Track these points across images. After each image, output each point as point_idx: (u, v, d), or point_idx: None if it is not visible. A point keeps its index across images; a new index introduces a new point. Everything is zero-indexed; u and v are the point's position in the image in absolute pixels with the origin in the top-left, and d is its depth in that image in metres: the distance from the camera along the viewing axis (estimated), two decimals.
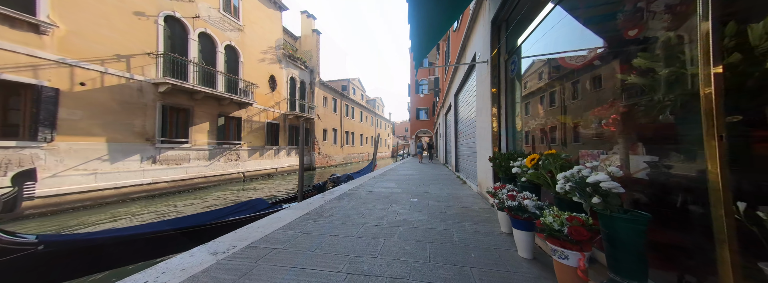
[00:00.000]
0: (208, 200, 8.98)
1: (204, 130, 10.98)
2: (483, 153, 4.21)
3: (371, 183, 6.21)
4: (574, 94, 2.29)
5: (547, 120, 2.74)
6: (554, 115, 2.61)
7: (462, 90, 7.40)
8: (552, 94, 2.66)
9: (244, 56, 13.44)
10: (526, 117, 3.22)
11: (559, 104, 2.54)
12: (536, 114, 2.98)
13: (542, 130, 2.86)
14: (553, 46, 2.59)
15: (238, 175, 12.70)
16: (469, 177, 6.23)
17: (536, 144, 3.00)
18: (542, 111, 2.84)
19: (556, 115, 2.59)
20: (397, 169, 10.42)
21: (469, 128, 6.26)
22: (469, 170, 6.27)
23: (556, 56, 2.56)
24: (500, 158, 3.04)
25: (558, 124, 2.56)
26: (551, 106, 2.67)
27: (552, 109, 2.64)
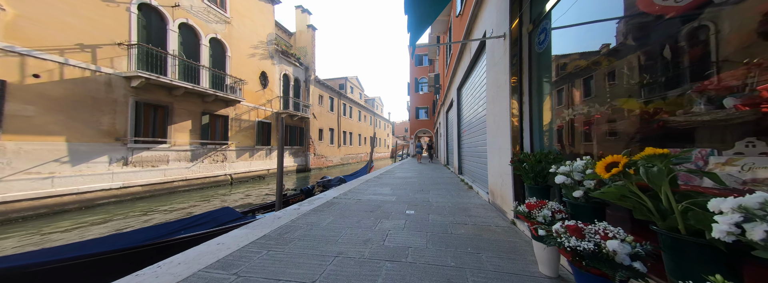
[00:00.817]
0: (178, 207, 8.13)
1: (185, 129, 10.14)
2: (497, 153, 3.37)
3: (363, 188, 5.37)
4: (660, 62, 1.45)
5: (598, 107, 1.90)
6: (613, 99, 1.77)
7: (466, 82, 6.56)
8: (609, 68, 1.81)
9: (232, 51, 12.61)
10: (558, 106, 2.38)
11: (625, 82, 1.70)
12: (578, 100, 2.14)
13: (589, 121, 2.02)
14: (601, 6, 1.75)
15: (224, 177, 11.86)
16: (477, 181, 5.38)
17: (578, 141, 2.16)
18: (594, 94, 1.99)
19: (616, 98, 1.75)
20: (395, 171, 9.57)
21: (476, 125, 5.42)
22: (476, 173, 5.42)
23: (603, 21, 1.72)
24: (529, 159, 2.19)
25: (619, 113, 1.72)
26: (608, 84, 1.82)
27: (611, 90, 1.79)
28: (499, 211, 3.27)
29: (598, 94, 1.94)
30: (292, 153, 17.84)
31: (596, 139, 1.96)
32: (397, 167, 11.32)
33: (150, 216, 6.86)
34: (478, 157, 5.32)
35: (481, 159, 4.90)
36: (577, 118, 2.16)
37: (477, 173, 5.38)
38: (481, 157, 4.97)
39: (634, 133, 1.60)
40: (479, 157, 5.15)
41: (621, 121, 1.71)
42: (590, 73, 1.99)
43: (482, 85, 4.63)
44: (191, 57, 10.53)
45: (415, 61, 27.69)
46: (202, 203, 8.43)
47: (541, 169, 2.15)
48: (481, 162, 4.88)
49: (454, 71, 8.12)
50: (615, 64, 1.76)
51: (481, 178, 4.94)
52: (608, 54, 1.82)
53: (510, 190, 2.83)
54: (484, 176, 4.47)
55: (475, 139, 5.59)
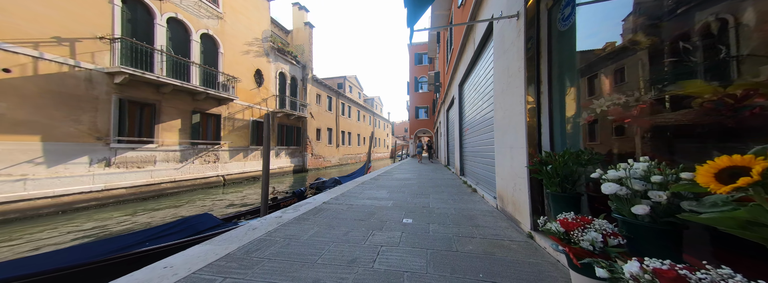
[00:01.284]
0: (164, 210, 7.69)
1: (174, 128, 9.70)
2: (507, 153, 2.93)
3: (357, 191, 4.93)
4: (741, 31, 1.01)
5: (643, 94, 1.46)
6: (668, 83, 1.34)
7: (469, 77, 6.12)
8: (657, 45, 1.37)
9: (225, 47, 12.17)
10: (587, 97, 1.94)
11: (686, 60, 1.26)
12: (613, 87, 1.70)
13: (631, 113, 1.58)
14: None
15: (217, 178, 11.41)
16: (481, 183, 4.94)
17: (615, 138, 1.72)
18: (637, 78, 1.55)
19: (673, 81, 1.32)
20: (394, 171, 9.14)
21: (480, 122, 4.98)
22: (481, 175, 4.98)
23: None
24: (555, 161, 1.75)
25: (677, 101, 1.29)
26: (653, 66, 1.38)
27: (666, 72, 1.36)
28: (511, 220, 2.83)
29: (643, 79, 1.50)
30: (289, 153, 17.40)
31: (642, 136, 1.52)
32: (396, 168, 10.89)
33: (135, 219, 6.41)
34: (482, 157, 4.88)
35: (487, 160, 4.46)
36: (612, 110, 1.72)
37: (482, 175, 4.94)
38: (486, 157, 4.53)
39: (708, 125, 1.16)
40: (484, 157, 4.72)
41: (680, 111, 1.28)
42: (630, 52, 1.56)
43: (488, 77, 4.19)
44: (181, 53, 10.09)
45: (414, 59, 27.29)
46: (187, 207, 7.99)
47: (570, 172, 1.72)
48: (487, 163, 4.44)
49: (455, 67, 7.69)
50: (668, 38, 1.32)
51: (486, 180, 4.50)
52: (654, 28, 1.37)
53: (525, 196, 2.39)
54: (491, 179, 4.04)
55: (479, 138, 5.16)
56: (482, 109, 4.76)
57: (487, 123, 4.24)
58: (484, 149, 4.71)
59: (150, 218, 6.73)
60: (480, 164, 5.09)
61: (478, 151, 5.21)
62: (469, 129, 6.37)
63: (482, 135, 4.81)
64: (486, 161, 4.52)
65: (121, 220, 6.46)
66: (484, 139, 4.66)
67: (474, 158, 5.76)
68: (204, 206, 8.13)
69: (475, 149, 5.51)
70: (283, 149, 16.67)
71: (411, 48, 27.68)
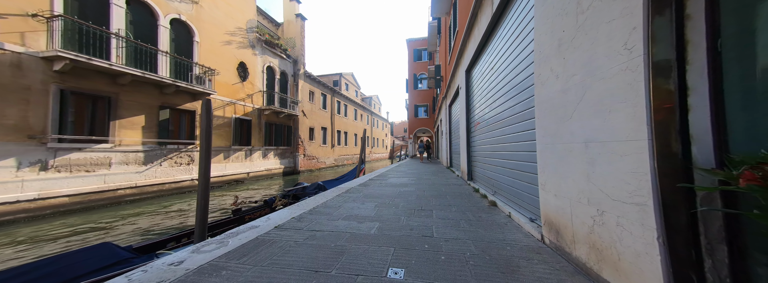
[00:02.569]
0: (110, 223, 6.40)
1: (136, 125, 8.41)
2: (578, 155, 1.66)
3: (335, 204, 3.65)
4: None
5: None
6: None
7: (482, 54, 4.85)
8: None
9: (201, 36, 10.89)
10: None
11: None
12: None
13: None
14: None
15: (191, 183, 10.12)
16: (503, 194, 3.66)
17: None
18: None
19: None
20: (389, 175, 7.87)
21: (502, 111, 3.70)
22: (502, 183, 3.70)
23: None
24: None
25: None
26: None
27: None
28: (587, 274, 1.56)
29: None
30: (278, 154, 16.11)
31: None
32: (393, 170, 9.62)
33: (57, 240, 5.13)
34: (505, 158, 3.60)
35: (515, 162, 3.19)
36: None
37: (504, 183, 3.66)
38: (513, 158, 3.25)
39: None
40: (508, 158, 3.44)
41: None
42: None
43: (519, 40, 2.91)
44: (147, 40, 8.81)
45: (413, 56, 26.08)
46: (146, 218, 6.70)
47: None
48: (515, 167, 3.16)
49: (460, 51, 6.43)
50: None
51: (514, 191, 3.21)
52: None
53: (651, 247, 1.12)
54: (525, 190, 2.76)
55: (498, 133, 3.88)
56: (505, 93, 3.48)
57: (518, 109, 2.96)
58: (509, 147, 3.43)
59: (76, 238, 5.44)
60: (500, 168, 3.82)
61: (498, 150, 3.93)
62: (481, 123, 5.10)
63: (504, 128, 3.54)
64: (513, 165, 3.24)
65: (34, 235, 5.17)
66: (508, 133, 3.38)
67: (489, 160, 4.48)
68: (157, 217, 6.83)
69: (493, 147, 4.24)
70: (271, 149, 15.38)
71: (410, 44, 26.48)
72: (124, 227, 5.96)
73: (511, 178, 3.28)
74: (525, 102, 2.73)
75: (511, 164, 3.27)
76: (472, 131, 6.08)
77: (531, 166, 2.52)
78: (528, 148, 2.63)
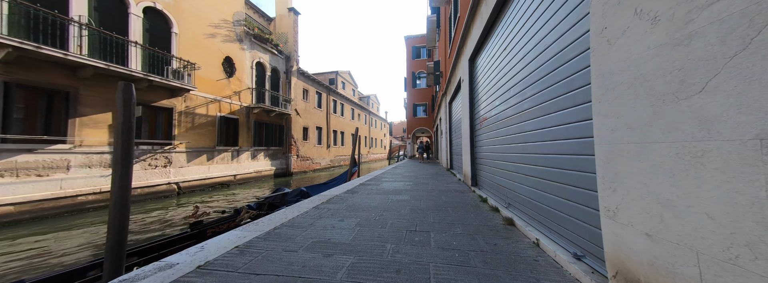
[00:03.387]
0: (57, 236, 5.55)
1: (102, 123, 7.56)
2: (680, 163, 0.83)
3: (305, 223, 2.81)
4: None
5: None
6: None
7: (491, 34, 4.01)
8: None
9: (181, 27, 10.04)
10: None
11: None
12: None
13: None
14: None
15: (168, 187, 9.27)
16: (517, 207, 2.81)
17: None
18: None
19: None
20: (384, 178, 7.03)
21: (521, 102, 2.86)
22: (519, 194, 2.84)
23: None
24: None
25: None
26: None
27: None
28: None
29: None
30: (269, 155, 15.26)
31: None
32: (388, 172, 8.78)
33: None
34: (525, 163, 2.76)
35: (546, 171, 2.34)
36: None
37: (523, 194, 2.81)
38: (539, 164, 2.40)
39: None
40: (531, 164, 2.59)
41: None
42: None
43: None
44: (115, 30, 7.96)
45: (412, 53, 25.29)
46: (92, 231, 5.84)
47: None
48: (548, 178, 2.31)
49: (464, 33, 5.59)
50: None
51: (544, 211, 2.36)
52: None
53: None
54: (568, 213, 1.91)
55: (515, 130, 3.04)
56: (526, 77, 2.64)
57: (550, 95, 2.12)
58: (531, 148, 2.59)
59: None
60: (517, 174, 2.97)
61: (514, 151, 3.09)
62: (488, 119, 4.27)
63: (524, 123, 2.69)
64: (539, 172, 2.40)
65: None
66: (531, 129, 2.54)
67: (500, 164, 3.64)
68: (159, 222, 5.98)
69: (506, 147, 3.39)
70: (261, 150, 14.53)
71: (408, 41, 25.70)
72: (72, 240, 5.10)
73: (536, 189, 2.44)
74: (564, 83, 1.89)
75: (536, 171, 2.43)
76: (476, 129, 5.25)
77: (577, 177, 1.69)
78: (571, 149, 1.79)
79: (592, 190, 1.50)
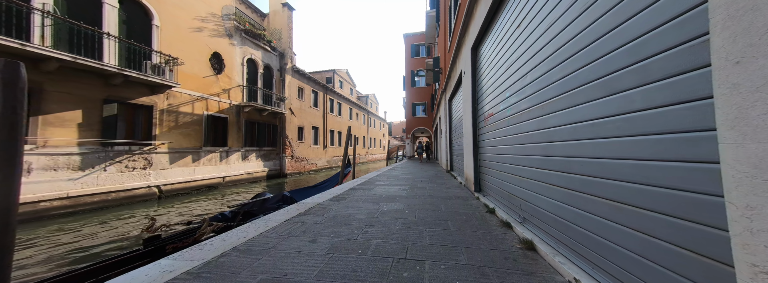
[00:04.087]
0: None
1: (70, 122, 6.92)
2: None
3: (264, 247, 2.16)
4: None
5: None
6: None
7: (498, 15, 3.38)
8: None
9: (163, 19, 9.41)
10: None
11: None
12: None
13: None
14: None
15: (147, 190, 8.63)
16: (534, 223, 2.17)
17: None
18: None
19: None
20: (378, 181, 6.40)
21: (533, 92, 2.24)
22: (538, 207, 2.19)
23: None
24: None
25: None
26: None
27: None
28: None
29: None
30: (262, 156, 14.62)
31: None
32: (385, 174, 8.15)
33: None
34: (549, 169, 2.12)
35: (588, 181, 1.71)
36: None
37: (545, 209, 2.17)
38: (573, 171, 1.76)
39: None
40: (560, 170, 1.95)
41: None
42: None
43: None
44: (88, 20, 7.33)
45: (411, 52, 24.67)
46: (64, 237, 5.20)
47: None
48: (589, 191, 1.67)
49: (467, 17, 4.97)
50: None
51: (580, 235, 1.71)
52: None
53: None
54: (635, 250, 1.27)
55: (534, 126, 2.41)
56: (551, 56, 2.01)
57: (603, 70, 1.48)
58: (559, 149, 1.96)
59: None
60: (535, 182, 2.34)
61: (532, 153, 2.46)
62: (495, 115, 3.64)
63: (548, 116, 2.07)
64: (576, 183, 1.77)
65: None
66: (562, 124, 1.92)
67: (511, 168, 3.01)
68: (85, 235, 5.33)
69: (519, 148, 2.76)
70: (252, 150, 13.89)
71: (407, 39, 25.09)
72: (24, 252, 4.47)
73: (568, 205, 1.80)
74: (627, 49, 1.26)
75: (568, 181, 1.80)
76: (480, 127, 4.62)
77: (660, 196, 1.06)
78: (647, 151, 1.16)
79: (706, 220, 0.87)
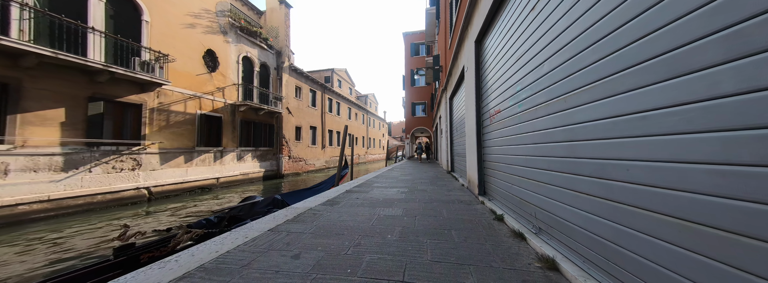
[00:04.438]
0: None
1: (52, 121, 6.58)
2: None
3: (237, 263, 1.81)
4: None
5: None
6: None
7: (505, 3, 3.05)
8: None
9: (153, 15, 9.07)
10: None
11: None
12: None
13: None
14: None
15: (136, 192, 8.29)
16: (552, 235, 1.83)
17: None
18: None
19: None
20: (376, 183, 6.06)
21: (557, 81, 1.90)
22: (560, 218, 1.85)
23: None
24: None
25: None
26: None
27: None
28: None
29: None
30: (258, 156, 14.28)
31: None
32: (383, 175, 7.82)
33: None
34: (578, 174, 1.79)
35: (660, 194, 1.37)
36: None
37: (572, 222, 1.83)
38: (623, 179, 1.43)
39: None
40: (598, 175, 1.62)
41: None
42: None
43: None
44: (73, 15, 6.99)
45: (410, 51, 24.34)
46: (40, 246, 4.86)
47: None
48: (636, 202, 1.34)
49: (468, 14, 4.64)
50: None
51: (620, 255, 1.39)
52: None
53: None
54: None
55: (557, 121, 2.08)
56: (589, 26, 1.68)
57: (685, 35, 1.14)
58: (596, 149, 1.63)
59: None
60: (555, 189, 2.01)
61: (551, 153, 2.13)
62: (502, 111, 3.31)
63: (579, 109, 1.74)
64: (616, 192, 1.44)
65: None
66: (606, 116, 1.58)
67: (521, 171, 2.68)
68: (60, 242, 4.99)
69: (533, 149, 2.43)
70: (248, 150, 13.55)
71: (407, 38, 24.76)
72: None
73: (606, 219, 1.47)
74: (699, 16, 0.93)
75: (613, 191, 1.47)
76: (484, 126, 4.29)
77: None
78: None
79: None
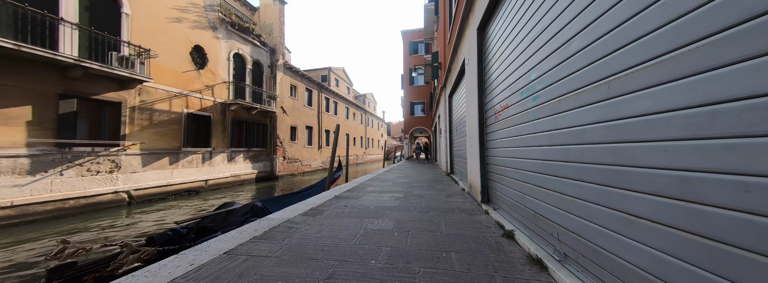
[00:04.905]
0: None
1: (17, 120, 6.05)
2: None
3: None
4: None
5: None
6: None
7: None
8: None
9: (133, 7, 8.54)
10: None
11: None
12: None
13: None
14: None
15: (114, 196, 7.76)
16: (580, 266, 1.32)
17: None
18: None
19: None
20: (370, 187, 5.54)
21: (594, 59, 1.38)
22: (599, 247, 1.34)
23: None
24: None
25: None
26: None
27: None
28: None
29: None
30: (250, 157, 13.76)
31: None
32: (379, 178, 7.30)
33: None
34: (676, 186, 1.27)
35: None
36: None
37: (622, 256, 1.32)
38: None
39: None
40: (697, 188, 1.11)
41: None
42: None
43: None
44: (43, 6, 6.46)
45: (409, 49, 23.83)
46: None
47: None
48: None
49: (469, 3, 4.13)
50: None
51: None
52: None
53: None
54: None
55: (605, 113, 1.56)
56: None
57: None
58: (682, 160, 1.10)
59: None
60: (591, 207, 1.49)
61: (594, 160, 1.61)
62: (511, 106, 2.79)
63: (627, 98, 1.22)
64: (696, 224, 0.91)
65: None
66: (676, 108, 1.05)
67: (535, 179, 2.16)
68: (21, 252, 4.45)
69: (555, 152, 1.92)
70: (240, 151, 13.02)
71: (405, 36, 24.25)
72: None
73: (701, 268, 0.95)
74: None
75: (725, 224, 0.95)
76: (489, 124, 3.77)
77: None
78: None
79: None
